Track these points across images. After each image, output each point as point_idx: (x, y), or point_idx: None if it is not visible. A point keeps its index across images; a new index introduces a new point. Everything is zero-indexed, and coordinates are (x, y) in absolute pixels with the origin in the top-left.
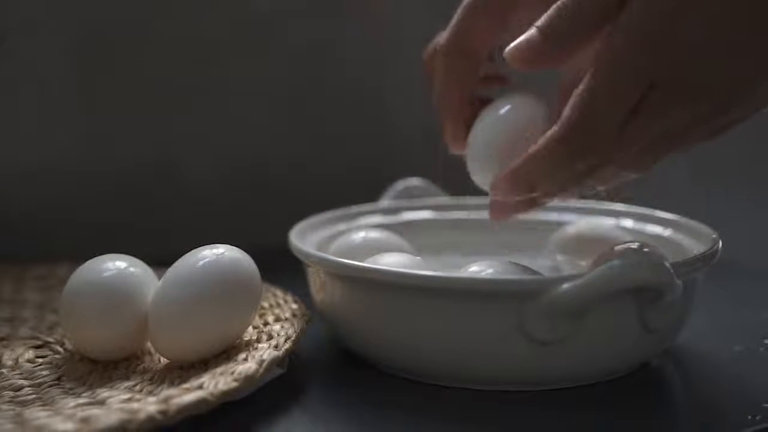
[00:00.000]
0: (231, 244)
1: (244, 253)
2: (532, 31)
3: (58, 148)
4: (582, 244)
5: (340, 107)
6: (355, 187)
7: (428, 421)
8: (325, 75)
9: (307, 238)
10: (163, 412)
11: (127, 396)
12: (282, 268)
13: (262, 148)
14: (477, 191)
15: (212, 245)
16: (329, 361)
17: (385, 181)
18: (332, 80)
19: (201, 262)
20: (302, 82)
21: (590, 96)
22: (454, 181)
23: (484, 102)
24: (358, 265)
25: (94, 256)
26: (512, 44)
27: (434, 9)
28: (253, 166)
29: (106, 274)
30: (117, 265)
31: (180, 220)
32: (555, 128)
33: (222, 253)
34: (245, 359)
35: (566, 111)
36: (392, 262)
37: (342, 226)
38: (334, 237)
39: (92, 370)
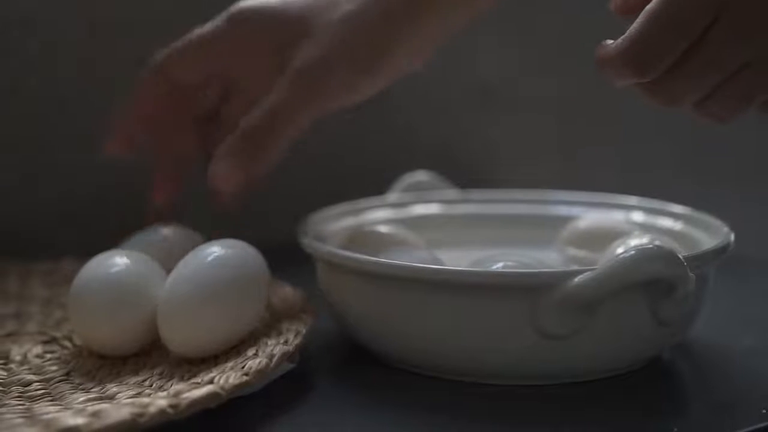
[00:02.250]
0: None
1: (253, 248)
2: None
3: (62, 145)
4: (592, 238)
5: None
6: (363, 181)
7: (438, 416)
8: None
9: (315, 233)
10: (174, 407)
11: (136, 391)
12: (287, 263)
13: None
14: (485, 185)
15: (220, 240)
16: (338, 356)
17: (393, 175)
18: None
19: (210, 258)
20: None
21: (650, 17)
22: (461, 174)
23: None
24: (368, 260)
25: (100, 253)
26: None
27: None
28: None
29: (114, 269)
30: (125, 260)
31: (189, 216)
32: (620, 39)
33: (230, 249)
34: (255, 354)
35: (632, 26)
36: (402, 256)
37: (350, 221)
38: (342, 231)
39: (101, 365)
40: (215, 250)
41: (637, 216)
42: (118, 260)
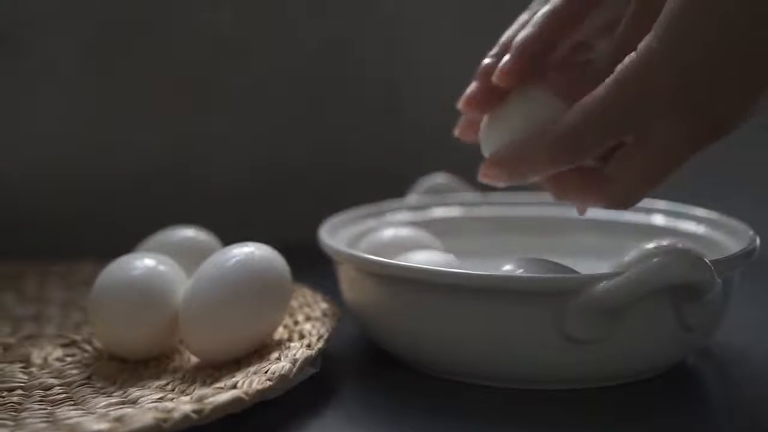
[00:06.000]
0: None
1: (275, 251)
2: None
3: (78, 147)
4: None
5: (362, 104)
6: (382, 184)
7: (462, 420)
8: (346, 73)
9: (336, 235)
10: (197, 412)
11: (159, 395)
12: (308, 265)
13: (289, 145)
14: (504, 187)
15: (242, 243)
16: (360, 359)
17: (412, 178)
18: (353, 78)
19: (232, 261)
20: (323, 80)
21: (579, 115)
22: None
23: None
24: (391, 263)
25: (119, 255)
26: None
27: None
28: (277, 164)
29: (135, 272)
30: (146, 263)
31: (206, 219)
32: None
33: (252, 252)
34: (278, 358)
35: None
36: (425, 259)
37: (371, 223)
38: (363, 234)
39: (122, 369)
40: (237, 252)
41: (660, 219)
42: (139, 263)
